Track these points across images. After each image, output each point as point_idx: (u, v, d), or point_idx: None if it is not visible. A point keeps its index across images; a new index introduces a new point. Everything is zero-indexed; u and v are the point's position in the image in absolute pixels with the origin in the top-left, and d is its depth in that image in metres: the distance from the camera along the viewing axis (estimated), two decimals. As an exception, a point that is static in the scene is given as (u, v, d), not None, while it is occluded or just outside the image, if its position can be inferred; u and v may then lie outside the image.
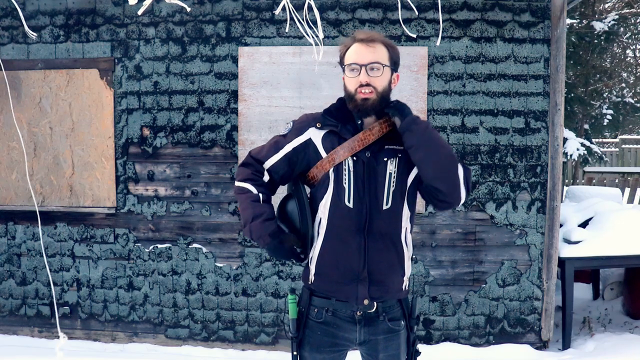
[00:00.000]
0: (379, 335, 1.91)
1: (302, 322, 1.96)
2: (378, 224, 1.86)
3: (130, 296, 4.47)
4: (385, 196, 1.86)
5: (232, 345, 4.41)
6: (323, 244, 1.90)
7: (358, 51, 1.87)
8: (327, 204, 1.89)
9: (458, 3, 4.22)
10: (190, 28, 4.33)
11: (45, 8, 4.42)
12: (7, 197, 4.53)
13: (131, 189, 4.43)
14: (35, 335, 4.57)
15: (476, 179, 4.28)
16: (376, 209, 1.86)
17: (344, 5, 4.25)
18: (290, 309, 1.95)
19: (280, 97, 4.27)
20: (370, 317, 1.90)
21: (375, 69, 1.85)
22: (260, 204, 1.90)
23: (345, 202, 1.86)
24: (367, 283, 1.87)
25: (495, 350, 4.23)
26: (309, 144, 1.92)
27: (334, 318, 1.91)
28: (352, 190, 1.86)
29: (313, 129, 1.93)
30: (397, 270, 1.92)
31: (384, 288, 1.90)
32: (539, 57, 4.21)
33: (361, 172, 1.86)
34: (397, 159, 1.89)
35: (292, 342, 1.97)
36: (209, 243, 4.40)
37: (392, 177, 1.87)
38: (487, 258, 4.31)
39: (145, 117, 4.39)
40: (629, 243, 4.39)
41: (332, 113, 1.95)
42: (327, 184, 1.90)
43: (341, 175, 1.87)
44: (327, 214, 1.89)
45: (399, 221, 1.90)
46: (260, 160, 1.96)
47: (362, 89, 1.85)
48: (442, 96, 4.26)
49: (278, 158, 1.94)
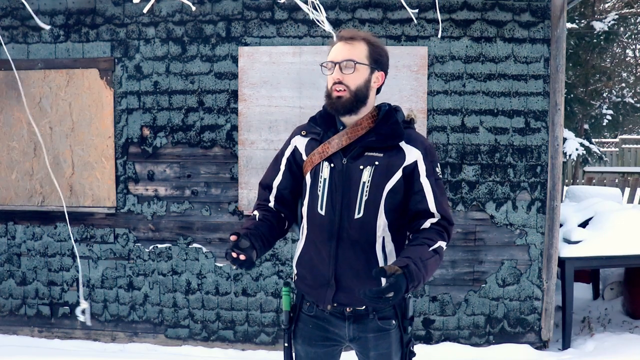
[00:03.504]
0: (368, 333, 1.91)
1: (295, 315, 1.99)
2: (349, 232, 1.85)
3: (130, 296, 4.47)
4: (357, 205, 1.84)
5: (232, 345, 4.41)
6: (303, 247, 1.96)
7: (336, 49, 1.88)
8: (305, 209, 1.95)
9: (458, 3, 4.22)
10: (190, 28, 4.33)
11: (45, 8, 4.42)
12: (7, 197, 4.53)
13: (131, 188, 4.43)
14: (35, 335, 4.57)
15: (476, 178, 4.28)
16: (347, 218, 1.85)
17: (344, 5, 4.25)
18: (283, 301, 1.98)
19: (280, 97, 4.27)
20: (360, 315, 1.90)
21: (348, 67, 1.82)
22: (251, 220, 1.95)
23: (318, 209, 1.89)
24: (334, 289, 1.87)
25: (495, 350, 4.23)
26: (295, 151, 1.98)
27: (323, 313, 1.92)
28: (325, 198, 1.87)
29: (298, 136, 1.98)
30: (367, 279, 1.80)
31: (352, 295, 1.85)
32: (539, 57, 4.21)
33: (335, 179, 1.87)
34: (373, 167, 1.83)
35: (285, 334, 1.99)
36: (209, 243, 4.40)
37: (365, 187, 1.83)
38: (487, 258, 4.31)
39: (145, 117, 4.40)
40: (629, 243, 4.39)
41: (316, 121, 1.97)
42: (305, 190, 1.95)
43: (317, 183, 1.89)
44: (306, 220, 1.94)
45: (371, 230, 1.85)
46: (268, 185, 2.03)
47: (336, 86, 1.85)
48: (442, 96, 4.26)
49: (281, 175, 2.00)
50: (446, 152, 4.27)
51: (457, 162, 4.27)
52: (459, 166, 4.28)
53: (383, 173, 1.84)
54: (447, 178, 4.28)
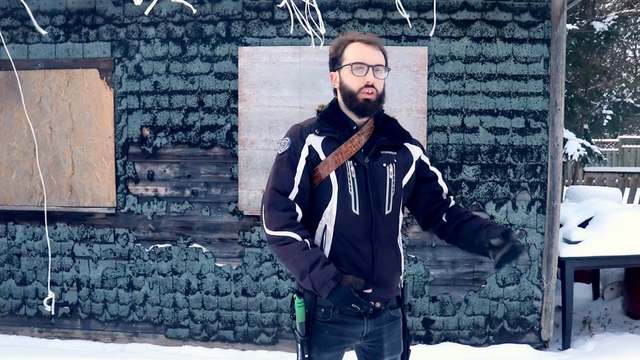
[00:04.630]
0: (383, 325, 1.95)
1: (309, 324, 1.92)
2: (382, 228, 1.91)
3: (130, 296, 4.47)
4: (387, 201, 1.92)
5: (232, 345, 4.41)
6: (331, 250, 1.89)
7: (364, 51, 1.87)
8: (332, 211, 1.89)
9: (458, 3, 4.22)
10: (190, 28, 4.33)
11: (45, 8, 4.42)
12: (7, 197, 4.54)
13: (131, 189, 4.43)
14: (35, 335, 4.57)
15: (476, 179, 4.28)
16: (380, 214, 1.90)
17: (344, 5, 4.25)
18: (297, 313, 1.90)
19: (280, 97, 4.27)
20: (376, 309, 1.94)
21: (380, 71, 1.89)
22: (311, 250, 1.82)
23: (352, 209, 1.88)
24: (376, 287, 1.89)
25: (495, 350, 4.23)
26: (312, 151, 1.91)
27: (340, 315, 1.91)
28: (357, 197, 1.88)
29: (312, 135, 1.92)
30: (398, 271, 2.00)
31: (389, 288, 1.96)
32: (539, 57, 4.21)
33: (363, 178, 1.89)
34: (394, 164, 1.95)
35: (302, 345, 1.90)
36: (209, 243, 4.40)
37: (392, 183, 1.93)
38: (487, 258, 4.29)
39: (145, 117, 4.40)
40: (629, 243, 4.39)
41: (328, 119, 1.94)
42: (331, 191, 1.89)
43: (346, 182, 1.88)
44: (334, 222, 1.89)
45: (397, 224, 1.98)
46: (287, 192, 1.88)
47: (367, 89, 1.86)
48: (442, 96, 4.26)
49: (299, 177, 1.89)
50: (446, 152, 4.27)
51: (457, 162, 4.28)
52: (459, 166, 4.28)
53: (401, 169, 1.97)
54: (447, 178, 4.27)
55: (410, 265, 4.30)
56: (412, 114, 4.19)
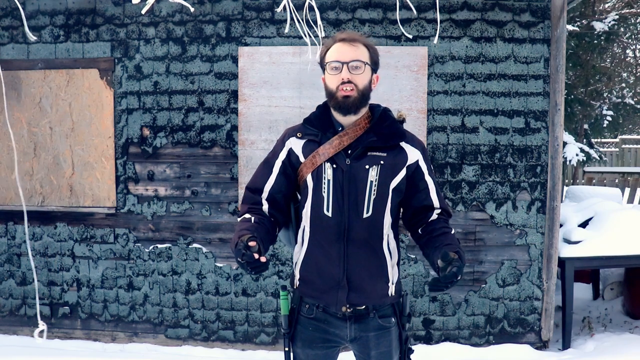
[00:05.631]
0: (369, 332, 1.92)
1: (293, 318, 1.97)
2: (358, 232, 1.87)
3: (130, 296, 4.47)
4: (365, 205, 1.87)
5: (232, 345, 4.41)
6: (307, 251, 1.93)
7: (340, 50, 1.88)
8: (307, 212, 1.92)
9: (458, 3, 4.22)
10: (190, 28, 4.33)
11: (45, 8, 4.42)
12: (7, 197, 4.54)
13: (131, 189, 4.43)
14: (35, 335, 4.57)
15: (476, 179, 4.28)
16: (356, 217, 1.87)
17: (344, 5, 4.25)
18: (282, 306, 1.96)
19: (280, 97, 4.27)
20: (361, 314, 1.91)
21: (357, 67, 1.87)
22: (247, 223, 1.86)
23: (324, 211, 1.87)
24: (346, 290, 1.87)
25: (495, 350, 4.23)
26: (291, 154, 1.94)
27: (324, 314, 1.92)
28: (331, 199, 1.87)
29: (293, 138, 1.95)
30: (378, 277, 1.90)
31: (364, 294, 1.89)
32: (539, 57, 4.21)
33: (340, 180, 1.87)
34: (379, 166, 1.88)
35: (285, 338, 1.98)
36: (209, 243, 4.40)
37: (373, 186, 1.87)
38: (487, 258, 4.31)
39: (145, 117, 4.40)
40: (629, 243, 4.39)
41: (312, 122, 1.96)
42: (307, 192, 1.91)
43: (320, 184, 1.88)
44: (309, 222, 1.91)
45: (379, 229, 1.90)
46: (258, 189, 1.96)
47: (344, 86, 1.86)
48: (442, 96, 4.26)
49: (274, 178, 1.95)
50: (446, 152, 4.27)
51: (457, 162, 4.28)
52: (459, 166, 4.28)
53: (389, 172, 1.89)
54: (447, 178, 4.28)
55: (410, 265, 4.30)
56: (412, 114, 4.19)
